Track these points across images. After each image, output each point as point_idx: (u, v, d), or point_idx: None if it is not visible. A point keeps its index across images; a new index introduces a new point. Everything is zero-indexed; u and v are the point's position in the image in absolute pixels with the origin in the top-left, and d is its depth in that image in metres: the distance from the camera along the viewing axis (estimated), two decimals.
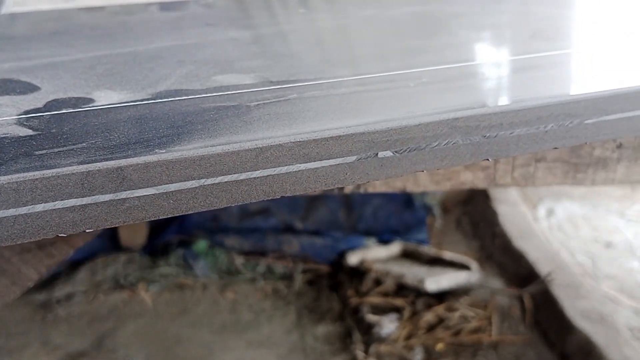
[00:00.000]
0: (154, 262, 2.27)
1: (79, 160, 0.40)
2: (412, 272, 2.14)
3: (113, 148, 0.42)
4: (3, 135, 0.45)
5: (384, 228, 2.44)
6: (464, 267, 2.17)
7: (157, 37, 0.72)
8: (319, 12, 0.82)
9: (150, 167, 0.41)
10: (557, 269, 2.04)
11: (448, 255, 2.25)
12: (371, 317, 2.01)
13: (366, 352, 1.89)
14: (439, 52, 0.65)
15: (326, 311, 2.10)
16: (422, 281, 2.07)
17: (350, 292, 2.13)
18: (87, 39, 0.71)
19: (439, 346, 1.90)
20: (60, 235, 0.39)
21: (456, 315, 2.00)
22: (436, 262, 2.25)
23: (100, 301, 2.10)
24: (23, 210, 0.39)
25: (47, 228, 0.39)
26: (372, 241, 2.38)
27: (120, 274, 2.20)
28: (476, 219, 2.53)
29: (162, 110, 0.49)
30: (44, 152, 0.42)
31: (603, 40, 0.73)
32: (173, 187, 0.42)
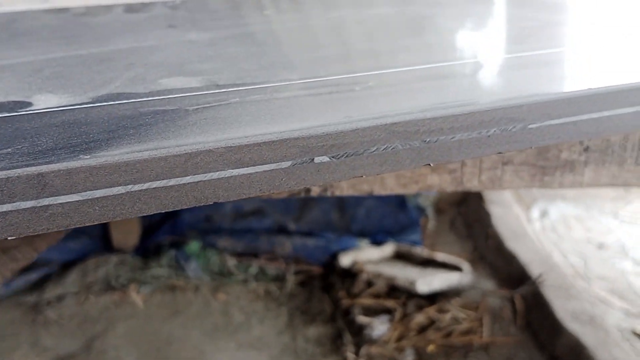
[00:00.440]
0: (145, 263, 2.27)
1: (1, 166, 0.40)
2: (403, 274, 2.14)
3: (38, 154, 0.42)
4: None
5: (377, 229, 2.43)
6: (456, 268, 2.17)
7: (115, 39, 0.72)
8: (284, 14, 0.81)
9: (72, 173, 0.40)
10: (548, 270, 2.03)
11: (440, 256, 2.24)
12: (362, 319, 2.01)
13: (357, 353, 1.89)
14: (393, 55, 0.64)
15: (318, 313, 2.09)
16: (413, 283, 2.06)
17: (342, 294, 2.13)
18: (43, 41, 0.70)
19: (430, 348, 1.89)
20: None
21: (447, 316, 2.00)
22: (429, 263, 2.24)
23: (91, 303, 2.10)
24: None
25: None
26: (364, 242, 2.37)
27: (112, 276, 2.20)
28: (470, 220, 2.52)
29: (99, 114, 0.48)
30: None
31: (557, 44, 0.72)
32: (98, 193, 0.41)
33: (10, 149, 0.43)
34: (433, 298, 2.07)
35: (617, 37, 0.76)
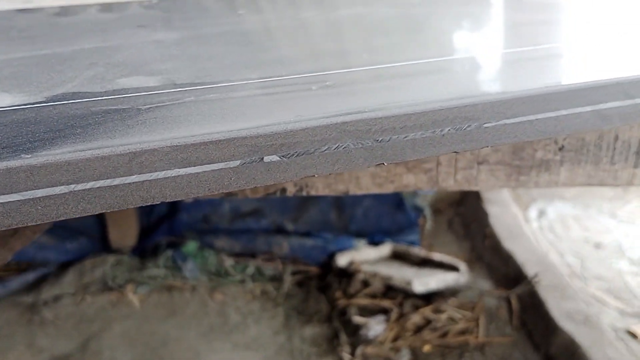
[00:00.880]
0: (143, 263, 2.28)
1: None
2: (400, 274, 2.13)
3: None
4: None
5: (375, 229, 2.43)
6: (452, 268, 2.16)
7: (83, 38, 0.72)
8: (258, 14, 0.81)
9: (12, 172, 0.40)
10: (544, 270, 2.03)
11: (437, 256, 2.24)
12: (358, 319, 2.00)
13: (353, 353, 1.89)
14: (357, 55, 0.64)
15: (314, 313, 2.09)
16: (409, 283, 2.06)
17: (338, 294, 2.12)
18: (9, 41, 0.71)
19: (426, 348, 1.89)
20: None
21: (443, 316, 1.99)
22: (426, 263, 2.24)
23: (88, 303, 2.10)
24: None
25: None
26: (362, 242, 2.37)
27: (109, 276, 2.21)
28: (467, 220, 2.52)
29: (50, 114, 0.48)
30: None
31: (516, 45, 0.72)
32: (40, 193, 0.41)
33: None
34: (429, 298, 2.07)
35: (613, 35, 0.75)
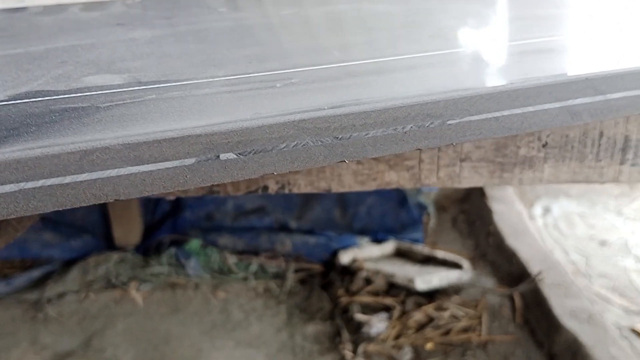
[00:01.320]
0: (146, 261, 2.28)
1: None
2: (403, 271, 2.13)
3: None
4: None
5: (379, 227, 2.43)
6: (456, 266, 2.15)
7: (59, 37, 0.72)
8: (239, 12, 0.81)
9: None
10: (548, 267, 2.01)
11: (441, 254, 2.23)
12: (360, 317, 2.00)
13: (355, 351, 1.88)
14: (328, 52, 0.64)
15: (317, 310, 2.09)
16: (412, 280, 2.05)
17: (341, 292, 2.12)
18: None
19: (428, 346, 1.88)
20: None
21: (446, 314, 1.98)
22: (429, 261, 2.23)
23: (91, 300, 2.11)
24: None
25: None
26: (365, 240, 2.36)
27: (112, 273, 2.22)
28: (472, 217, 2.51)
29: (8, 112, 0.48)
30: None
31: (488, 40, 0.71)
32: None
33: None
34: (432, 296, 2.06)
35: (612, 31, 0.74)
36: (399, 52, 0.65)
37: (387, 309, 2.04)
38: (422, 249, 2.28)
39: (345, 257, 2.25)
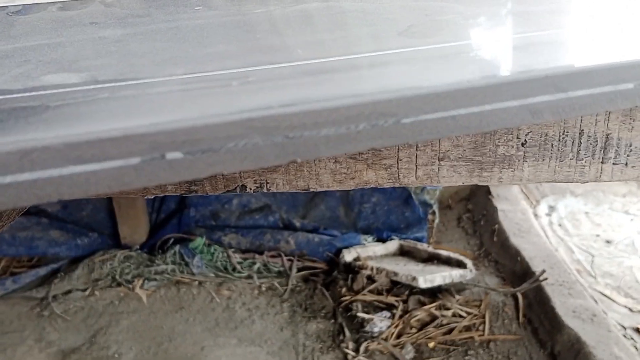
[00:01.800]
0: (151, 259, 2.30)
1: None
2: (406, 270, 2.12)
3: None
4: None
5: (383, 225, 2.42)
6: (459, 264, 2.14)
7: (29, 36, 0.73)
8: (215, 10, 0.81)
9: None
10: (552, 266, 2.00)
11: (444, 252, 2.22)
12: (363, 315, 2.00)
13: (357, 350, 1.89)
14: (291, 51, 0.64)
15: (319, 309, 2.10)
16: (415, 278, 2.05)
17: (344, 290, 2.12)
18: None
19: (431, 344, 1.88)
20: None
21: (449, 313, 1.98)
22: (433, 259, 2.22)
23: (97, 298, 2.13)
24: None
25: None
26: (369, 239, 2.37)
27: (117, 271, 2.23)
28: (476, 216, 2.50)
29: None
30: None
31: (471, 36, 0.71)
32: None
33: None
34: (435, 295, 2.06)
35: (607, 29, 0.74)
36: (363, 50, 0.65)
37: (390, 307, 2.04)
38: (425, 247, 2.28)
39: (348, 256, 2.25)
